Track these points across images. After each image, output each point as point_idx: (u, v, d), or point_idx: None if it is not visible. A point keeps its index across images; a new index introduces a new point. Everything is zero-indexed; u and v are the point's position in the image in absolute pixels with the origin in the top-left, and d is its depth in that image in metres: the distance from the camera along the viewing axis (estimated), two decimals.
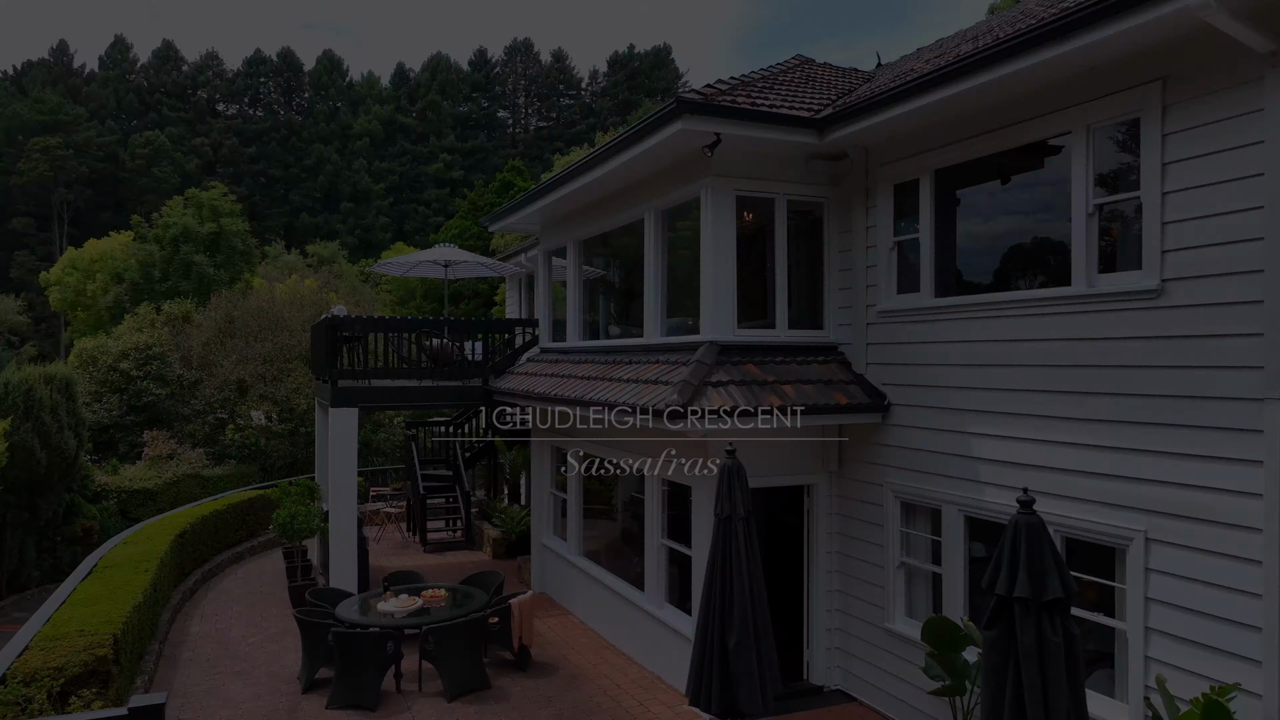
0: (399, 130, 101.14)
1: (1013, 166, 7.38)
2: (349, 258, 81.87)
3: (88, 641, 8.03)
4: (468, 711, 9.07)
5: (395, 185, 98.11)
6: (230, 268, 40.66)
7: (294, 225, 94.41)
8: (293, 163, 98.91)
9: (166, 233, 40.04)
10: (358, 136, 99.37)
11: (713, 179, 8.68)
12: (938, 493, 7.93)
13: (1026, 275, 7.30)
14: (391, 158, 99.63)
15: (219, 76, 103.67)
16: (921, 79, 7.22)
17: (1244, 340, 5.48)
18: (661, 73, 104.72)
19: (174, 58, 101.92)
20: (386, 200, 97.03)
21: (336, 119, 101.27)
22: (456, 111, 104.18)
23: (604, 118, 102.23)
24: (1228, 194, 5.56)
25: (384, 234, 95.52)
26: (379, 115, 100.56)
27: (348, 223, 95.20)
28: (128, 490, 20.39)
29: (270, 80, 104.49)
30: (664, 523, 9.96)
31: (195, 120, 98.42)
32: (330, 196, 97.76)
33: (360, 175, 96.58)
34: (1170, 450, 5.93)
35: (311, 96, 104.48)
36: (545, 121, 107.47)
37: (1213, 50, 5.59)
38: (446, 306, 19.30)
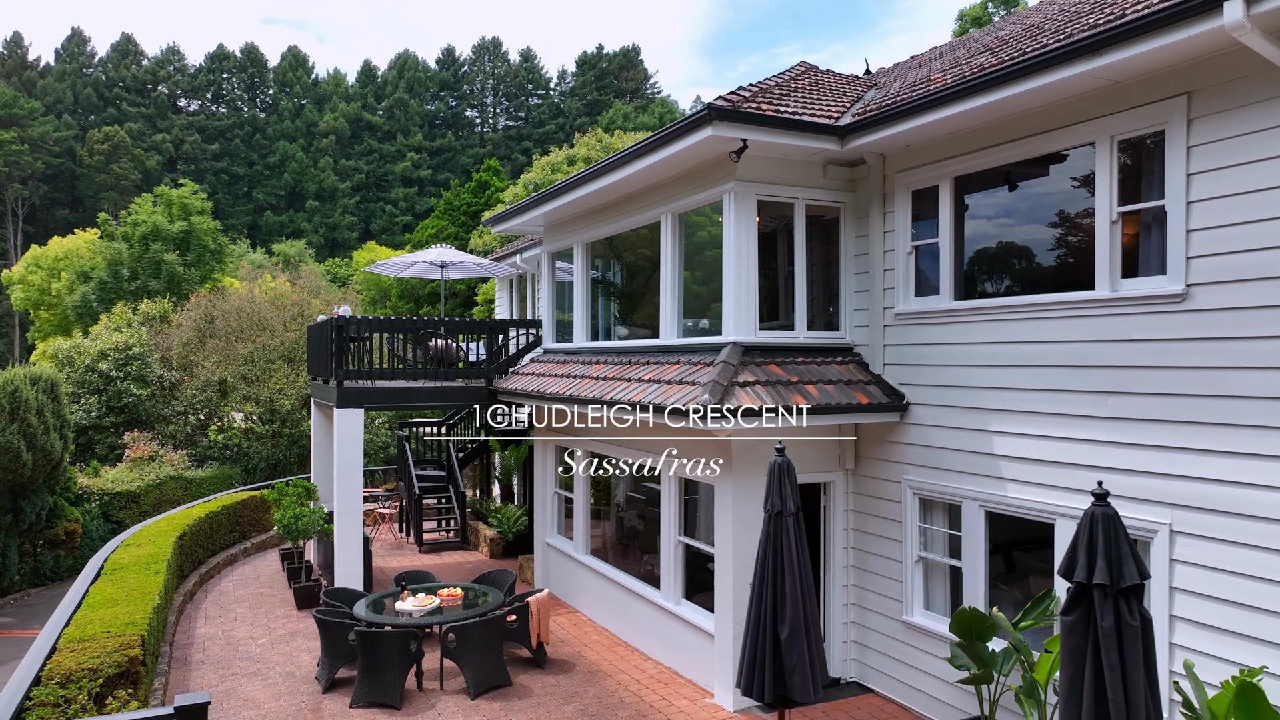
0: (366, 128, 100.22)
1: (1034, 174, 7.67)
2: (315, 257, 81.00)
3: (117, 643, 8.02)
4: (493, 708, 9.17)
5: (362, 184, 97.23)
6: (201, 266, 40.07)
7: (258, 224, 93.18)
8: (257, 160, 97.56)
9: (135, 231, 39.34)
10: (323, 134, 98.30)
11: (736, 183, 8.88)
12: (957, 489, 8.21)
13: (1045, 279, 7.59)
14: (358, 156, 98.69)
15: (180, 71, 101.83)
16: (948, 90, 7.47)
17: (1268, 342, 5.80)
18: (631, 73, 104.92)
19: (133, 51, 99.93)
20: (353, 199, 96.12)
21: (302, 116, 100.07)
22: (424, 110, 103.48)
23: (573, 118, 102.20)
24: (1253, 204, 5.88)
25: (350, 233, 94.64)
26: (345, 113, 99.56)
27: (313, 221, 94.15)
28: (110, 492, 20.11)
29: (234, 76, 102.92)
30: (680, 521, 10.15)
31: (156, 116, 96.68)
32: (295, 195, 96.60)
33: (326, 173, 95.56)
34: (1195, 447, 6.24)
35: (276, 93, 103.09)
36: (514, 121, 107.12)
37: (1238, 67, 5.90)
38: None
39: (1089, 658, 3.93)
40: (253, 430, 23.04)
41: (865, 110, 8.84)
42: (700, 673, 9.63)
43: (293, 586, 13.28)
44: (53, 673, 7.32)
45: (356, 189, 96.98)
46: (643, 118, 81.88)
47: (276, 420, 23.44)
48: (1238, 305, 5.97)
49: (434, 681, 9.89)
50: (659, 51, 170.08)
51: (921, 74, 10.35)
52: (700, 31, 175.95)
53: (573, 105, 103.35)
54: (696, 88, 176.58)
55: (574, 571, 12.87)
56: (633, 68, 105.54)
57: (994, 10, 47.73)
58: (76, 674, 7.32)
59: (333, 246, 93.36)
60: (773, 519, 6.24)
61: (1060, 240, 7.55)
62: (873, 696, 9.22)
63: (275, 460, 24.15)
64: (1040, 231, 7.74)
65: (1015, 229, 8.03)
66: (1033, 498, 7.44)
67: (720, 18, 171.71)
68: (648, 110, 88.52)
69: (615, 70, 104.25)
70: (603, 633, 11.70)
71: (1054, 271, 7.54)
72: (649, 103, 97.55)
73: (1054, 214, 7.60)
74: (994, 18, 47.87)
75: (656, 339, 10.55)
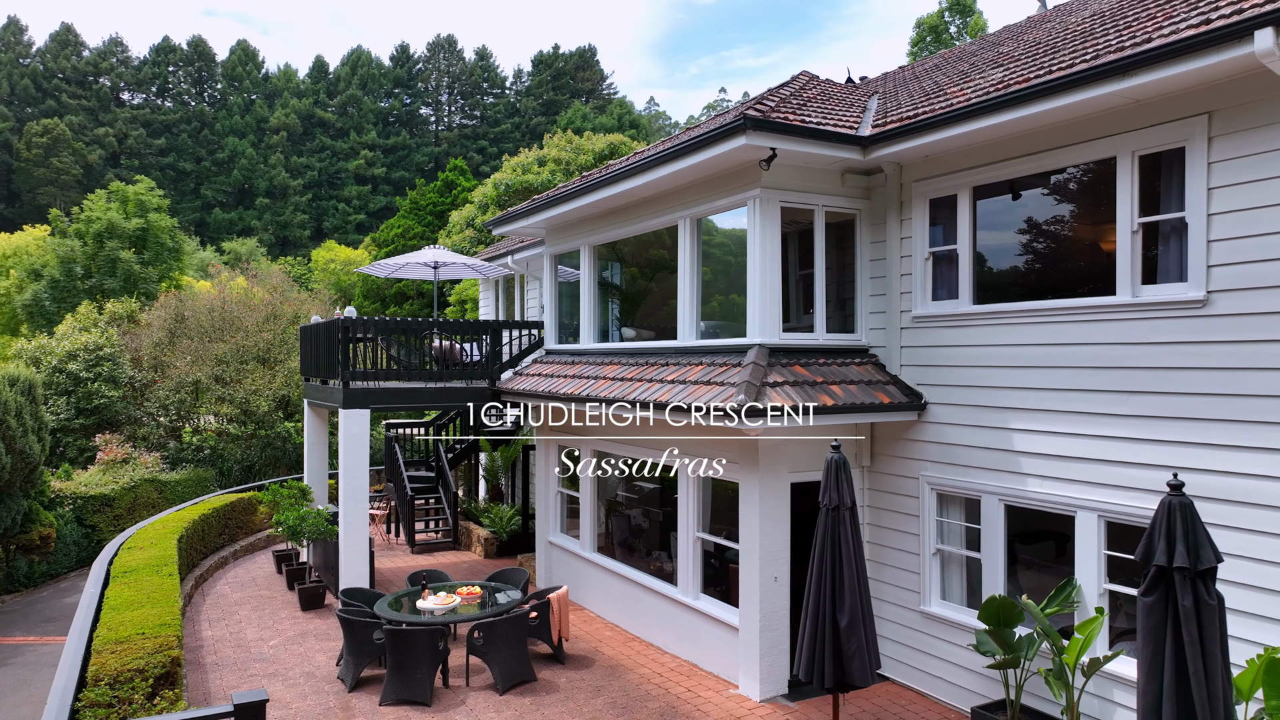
0: (318, 125, 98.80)
1: (1053, 185, 8.10)
2: (267, 255, 79.58)
3: (155, 644, 8.02)
4: (522, 703, 9.33)
5: (314, 181, 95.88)
6: (159, 265, 39.22)
7: (206, 221, 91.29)
8: (205, 156, 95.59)
9: (89, 228, 38.36)
10: (274, 130, 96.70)
11: (762, 190, 9.18)
12: (977, 484, 8.62)
13: (1065, 284, 8.02)
14: (310, 153, 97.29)
15: (123, 64, 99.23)
16: (976, 105, 7.85)
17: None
18: (587, 74, 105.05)
19: (73, 42, 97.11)
20: (305, 196, 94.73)
21: (252, 112, 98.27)
22: (378, 107, 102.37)
23: (529, 117, 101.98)
24: (1272, 217, 6.34)
25: (302, 231, 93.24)
26: (297, 109, 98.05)
27: (264, 219, 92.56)
28: (83, 496, 19.69)
29: (180, 69, 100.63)
30: (699, 517, 10.42)
31: (98, 109, 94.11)
32: (245, 192, 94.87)
33: (277, 170, 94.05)
34: (1216, 442, 6.70)
35: (225, 88, 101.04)
36: (469, 120, 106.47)
37: (1260, 89, 6.37)
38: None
39: (1169, 635, 4.30)
40: (228, 432, 22.71)
41: (885, 121, 9.21)
42: (721, 665, 9.91)
43: (296, 588, 13.24)
44: (100, 674, 7.32)
45: (308, 186, 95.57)
46: (601, 119, 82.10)
47: (252, 422, 23.14)
48: (1258, 311, 6.44)
49: (459, 679, 10.01)
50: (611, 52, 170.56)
51: (927, 84, 10.77)
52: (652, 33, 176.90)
53: (529, 105, 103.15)
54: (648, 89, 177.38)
55: (580, 569, 13.06)
56: (589, 68, 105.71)
57: (950, 19, 48.96)
58: (124, 675, 7.33)
59: (283, 245, 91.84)
60: (830, 512, 6.55)
61: (1078, 247, 7.99)
62: (890, 684, 9.59)
63: (249, 463, 23.86)
64: (1058, 238, 8.17)
65: (1032, 236, 8.45)
66: (1055, 491, 7.87)
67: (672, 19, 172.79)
68: (606, 111, 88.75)
69: (571, 70, 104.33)
70: (614, 629, 11.92)
71: (1072, 277, 7.97)
72: (607, 104, 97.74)
73: (1073, 222, 8.04)
74: (950, 26, 49.11)
75: (670, 341, 10.81)
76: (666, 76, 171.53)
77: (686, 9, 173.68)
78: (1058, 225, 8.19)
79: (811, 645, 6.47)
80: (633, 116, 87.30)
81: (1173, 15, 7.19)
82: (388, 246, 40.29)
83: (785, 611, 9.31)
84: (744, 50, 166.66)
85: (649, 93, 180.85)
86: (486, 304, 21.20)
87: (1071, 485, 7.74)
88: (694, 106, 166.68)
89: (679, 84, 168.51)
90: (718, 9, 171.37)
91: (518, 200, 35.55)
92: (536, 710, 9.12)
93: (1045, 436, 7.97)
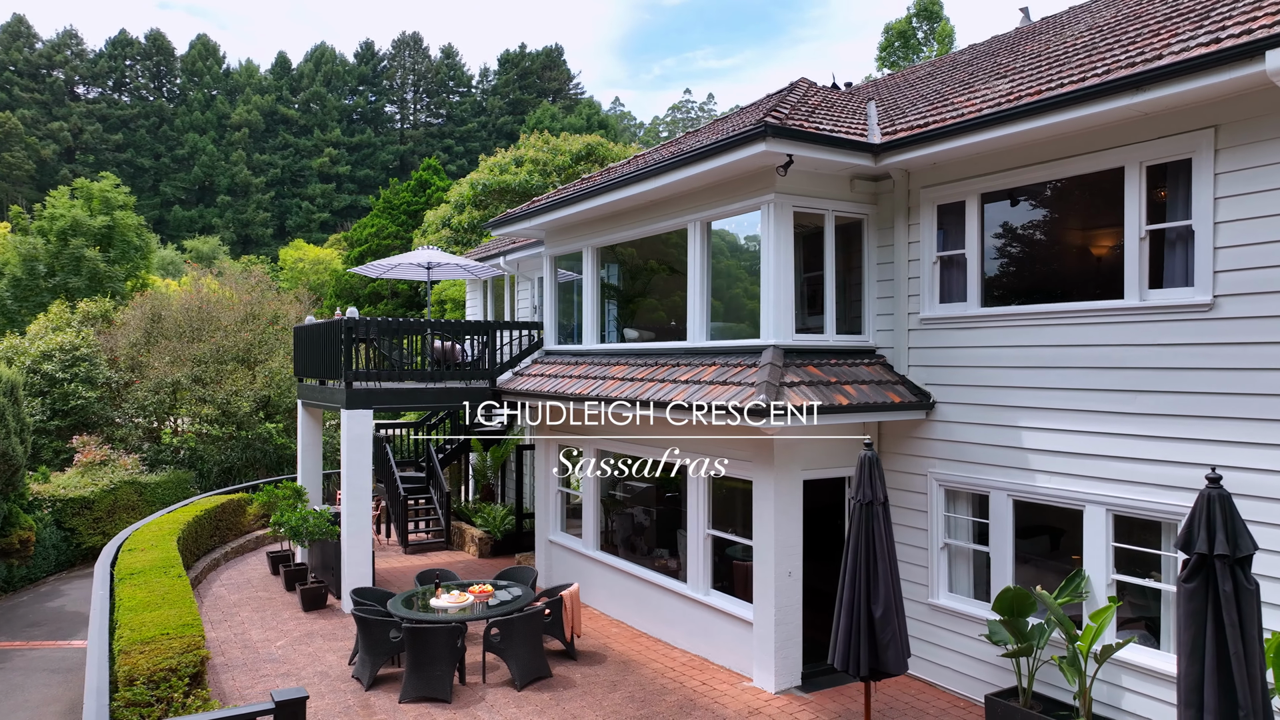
0: (281, 122, 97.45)
1: (1061, 193, 8.45)
2: (229, 253, 78.38)
3: (183, 644, 8.03)
4: (541, 698, 9.48)
5: (277, 179, 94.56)
6: (125, 263, 38.50)
7: (165, 219, 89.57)
8: (164, 152, 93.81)
9: (53, 225, 37.53)
10: (236, 127, 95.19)
11: (776, 195, 9.42)
12: (986, 480, 8.95)
13: (1072, 288, 8.36)
14: (273, 150, 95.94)
15: (79, 56, 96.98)
16: (989, 116, 8.16)
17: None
18: (554, 73, 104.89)
19: (26, 34, 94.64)
20: (267, 194, 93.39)
21: (212, 107, 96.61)
22: (342, 104, 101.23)
23: (495, 116, 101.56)
24: (1277, 225, 6.72)
25: (264, 230, 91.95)
26: (259, 105, 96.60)
27: (225, 217, 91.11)
28: (62, 499, 19.35)
29: (138, 63, 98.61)
30: (709, 514, 10.64)
31: (52, 103, 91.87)
32: (206, 189, 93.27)
33: (239, 168, 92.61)
34: (1222, 439, 7.06)
35: (185, 83, 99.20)
36: (435, 118, 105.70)
37: (1266, 105, 6.74)
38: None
39: (1209, 619, 4.60)
40: (208, 433, 22.46)
41: (895, 129, 9.50)
42: (733, 659, 10.14)
43: (298, 589, 13.22)
44: (133, 673, 7.33)
45: (271, 184, 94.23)
46: (570, 119, 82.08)
47: (232, 423, 22.91)
48: (1263, 314, 6.81)
49: (475, 675, 10.12)
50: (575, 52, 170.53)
51: (926, 92, 11.10)
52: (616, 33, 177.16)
53: (496, 104, 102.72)
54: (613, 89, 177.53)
55: (583, 567, 13.21)
56: (556, 68, 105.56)
57: (918, 25, 49.83)
58: (158, 674, 7.35)
59: (245, 243, 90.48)
60: (864, 508, 6.80)
61: (1085, 252, 8.34)
62: (900, 676, 9.86)
63: (229, 464, 23.61)
64: (1065, 244, 8.52)
65: (1039, 241, 8.80)
66: (1063, 487, 8.21)
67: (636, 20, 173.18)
68: (574, 111, 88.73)
69: (538, 70, 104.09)
70: (621, 625, 12.09)
71: (1079, 281, 8.32)
72: (575, 104, 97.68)
73: (1080, 228, 8.39)
74: (918, 31, 49.95)
75: (677, 342, 11.02)
76: (630, 77, 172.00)
77: (650, 9, 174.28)
78: (1064, 231, 8.54)
79: (847, 635, 6.72)
80: (601, 117, 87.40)
81: (1178, 33, 7.55)
82: (361, 245, 39.98)
83: (799, 605, 9.57)
84: (707, 51, 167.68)
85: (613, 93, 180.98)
86: (474, 305, 21.22)
87: (1080, 480, 8.09)
88: (658, 107, 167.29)
89: (643, 85, 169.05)
90: (681, 10, 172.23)
91: (494, 200, 35.50)
92: (557, 705, 9.27)
93: (1054, 434, 8.31)
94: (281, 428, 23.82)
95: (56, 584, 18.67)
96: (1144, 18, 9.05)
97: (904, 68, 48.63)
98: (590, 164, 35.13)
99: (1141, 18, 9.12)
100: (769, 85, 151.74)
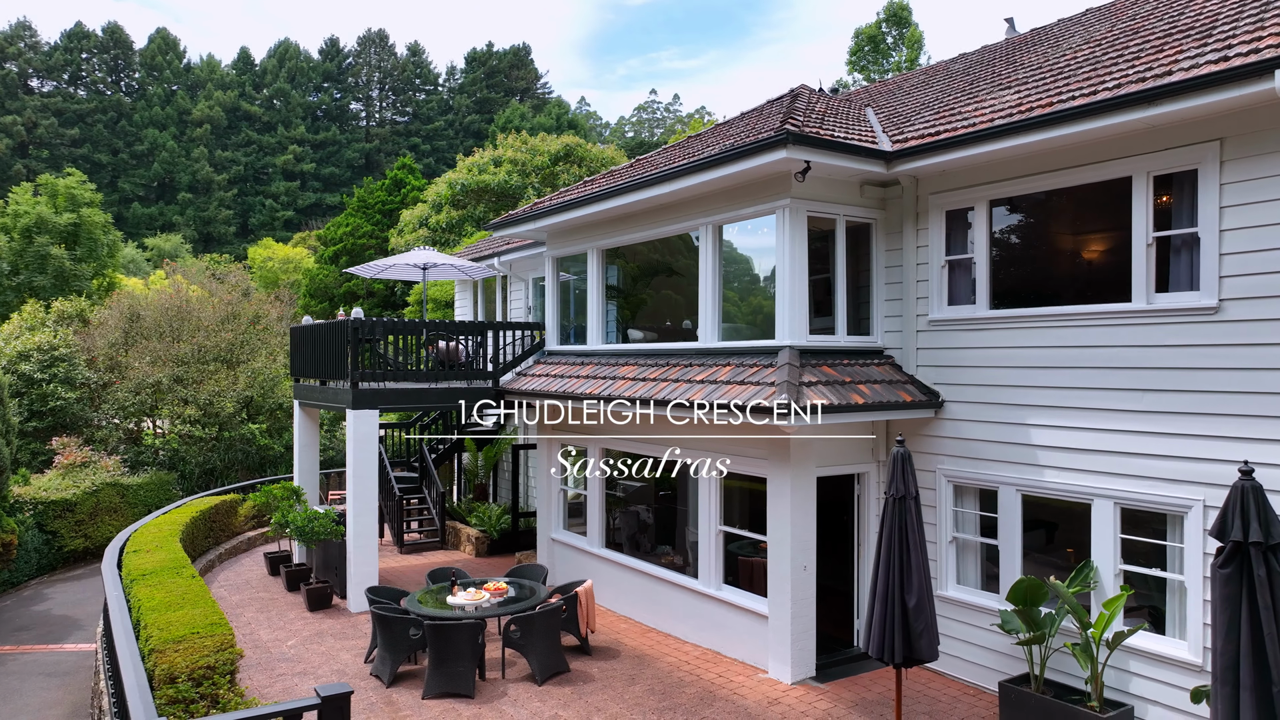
0: (244, 118, 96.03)
1: (1068, 200, 8.82)
2: (192, 251, 77.15)
3: (216, 643, 8.08)
4: (563, 692, 9.65)
5: (240, 176, 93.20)
6: (92, 261, 37.82)
7: (124, 216, 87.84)
8: (122, 148, 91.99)
9: (16, 222, 36.76)
10: (197, 123, 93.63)
11: (792, 200, 9.69)
12: (994, 475, 9.30)
13: (1079, 291, 8.74)
14: (235, 147, 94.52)
15: (32, 49, 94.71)
16: (998, 127, 8.50)
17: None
18: (522, 72, 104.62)
19: None
20: (230, 192, 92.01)
21: (173, 103, 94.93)
22: (306, 101, 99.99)
23: (463, 115, 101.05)
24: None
25: (227, 227, 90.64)
26: (221, 101, 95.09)
27: (186, 214, 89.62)
28: (44, 501, 19.11)
29: (95, 57, 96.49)
30: (721, 511, 10.89)
31: (4, 96, 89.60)
32: (166, 186, 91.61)
33: (200, 164, 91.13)
34: (1226, 435, 7.46)
35: (144, 77, 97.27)
36: (401, 116, 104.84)
37: (1270, 119, 7.14)
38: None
39: (1244, 602, 4.94)
40: (191, 434, 22.23)
41: (906, 137, 9.83)
42: (747, 652, 10.39)
43: (302, 589, 13.22)
44: (172, 672, 7.38)
45: (234, 181, 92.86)
46: (539, 118, 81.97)
47: (215, 424, 22.69)
48: (1268, 317, 7.21)
49: (494, 671, 10.26)
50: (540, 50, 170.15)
51: (926, 99, 11.44)
52: (580, 33, 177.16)
53: (462, 102, 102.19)
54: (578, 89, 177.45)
55: (587, 565, 13.38)
56: (524, 67, 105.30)
57: (887, 30, 50.64)
58: (197, 671, 7.41)
59: (207, 241, 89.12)
60: (896, 502, 7.09)
61: (1092, 257, 8.72)
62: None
63: (210, 466, 23.39)
64: (1072, 249, 8.90)
65: (1046, 245, 9.17)
66: (1071, 481, 8.58)
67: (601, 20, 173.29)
68: (544, 111, 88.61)
69: (506, 69, 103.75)
70: (629, 621, 12.29)
71: (1086, 285, 8.70)
72: (543, 103, 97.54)
73: (1086, 234, 8.77)
74: (887, 36, 50.75)
75: (687, 343, 11.26)
76: (595, 77, 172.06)
77: (614, 9, 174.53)
78: (1071, 236, 8.92)
79: (881, 624, 7.00)
80: (571, 116, 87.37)
81: (1184, 49, 7.95)
82: (335, 245, 39.65)
83: (813, 599, 9.86)
84: (672, 52, 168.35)
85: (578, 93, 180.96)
86: (464, 305, 21.27)
87: (1089, 475, 8.46)
88: (623, 108, 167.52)
89: (607, 85, 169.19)
90: (645, 10, 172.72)
91: (473, 200, 35.45)
92: (580, 699, 9.45)
93: (1063, 431, 8.68)
94: (264, 429, 23.63)
95: (39, 588, 18.41)
96: (1143, 33, 9.46)
97: (874, 71, 49.44)
98: (569, 165, 35.26)
99: (1140, 33, 9.53)
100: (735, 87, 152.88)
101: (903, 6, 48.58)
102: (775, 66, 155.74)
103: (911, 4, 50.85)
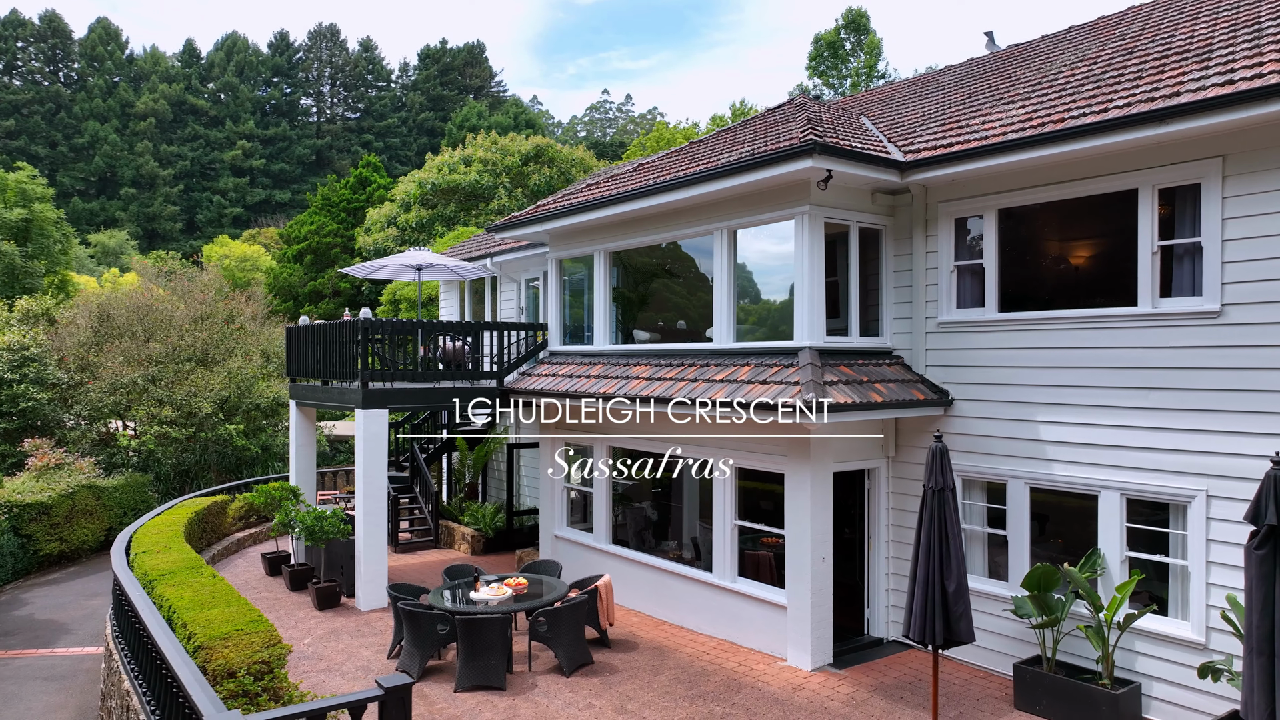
0: (190, 112, 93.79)
1: (1075, 209, 9.37)
2: (138, 248, 75.20)
3: (263, 639, 8.18)
4: (591, 683, 9.92)
5: (186, 171, 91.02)
6: (44, 259, 36.78)
7: (64, 210, 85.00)
8: (61, 141, 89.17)
9: None
10: (141, 116, 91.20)
11: (811, 207, 10.10)
12: (1003, 469, 9.83)
13: (1086, 295, 9.30)
14: (181, 141, 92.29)
15: None
16: (1010, 141, 9.02)
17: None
18: (476, 70, 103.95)
19: None
20: (176, 187, 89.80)
21: (115, 95, 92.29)
22: (255, 96, 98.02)
23: (416, 111, 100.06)
24: None
25: (173, 224, 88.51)
26: (166, 94, 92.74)
27: (129, 210, 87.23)
28: (19, 504, 18.67)
29: (31, 46, 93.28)
30: (736, 506, 11.26)
31: None
32: (108, 180, 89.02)
33: (145, 158, 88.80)
34: (1228, 430, 8.06)
35: (84, 68, 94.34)
36: (353, 112, 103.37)
37: (1271, 137, 7.75)
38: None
39: (1277, 580, 5.46)
40: (168, 435, 21.90)
41: (918, 149, 10.31)
42: (764, 641, 10.78)
43: (310, 588, 13.24)
44: (229, 667, 7.49)
45: (180, 176, 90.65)
46: (496, 117, 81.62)
47: (192, 424, 22.39)
48: (1267, 321, 7.82)
49: (521, 664, 10.48)
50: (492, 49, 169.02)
51: (928, 110, 11.96)
52: (531, 31, 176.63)
53: (415, 99, 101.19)
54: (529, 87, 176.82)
55: (593, 560, 13.64)
56: (478, 64, 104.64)
57: (846, 36, 51.67)
58: (254, 667, 7.52)
59: (151, 238, 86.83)
60: (935, 494, 7.53)
61: (1098, 263, 9.29)
62: (918, 651, 10.71)
63: (185, 467, 23.06)
64: (1078, 255, 9.47)
65: (1054, 252, 9.73)
66: (1079, 474, 9.14)
67: (551, 19, 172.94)
68: (500, 110, 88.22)
69: (460, 66, 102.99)
70: (640, 615, 12.60)
71: (1093, 289, 9.26)
72: (499, 102, 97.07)
73: (1093, 241, 9.34)
74: (845, 43, 51.78)
75: (695, 343, 11.63)
76: (545, 76, 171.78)
77: (564, 8, 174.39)
78: (1078, 243, 9.48)
79: (923, 609, 7.43)
80: (528, 115, 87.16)
81: (1185, 70, 8.54)
82: (299, 243, 39.15)
83: (830, 589, 10.29)
84: (622, 52, 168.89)
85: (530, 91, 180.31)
86: (451, 305, 21.32)
87: (1095, 469, 9.02)
88: (575, 107, 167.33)
89: (558, 84, 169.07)
90: (595, 10, 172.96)
91: (443, 199, 35.38)
92: (609, 689, 9.73)
93: (1071, 427, 9.23)
94: (241, 429, 23.37)
95: (15, 593, 18.01)
96: (1138, 53, 10.07)
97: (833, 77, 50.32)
98: (539, 165, 35.43)
99: (1135, 53, 10.15)
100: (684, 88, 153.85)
101: (861, 14, 49.64)
102: (725, 69, 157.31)
103: (869, 11, 51.98)
